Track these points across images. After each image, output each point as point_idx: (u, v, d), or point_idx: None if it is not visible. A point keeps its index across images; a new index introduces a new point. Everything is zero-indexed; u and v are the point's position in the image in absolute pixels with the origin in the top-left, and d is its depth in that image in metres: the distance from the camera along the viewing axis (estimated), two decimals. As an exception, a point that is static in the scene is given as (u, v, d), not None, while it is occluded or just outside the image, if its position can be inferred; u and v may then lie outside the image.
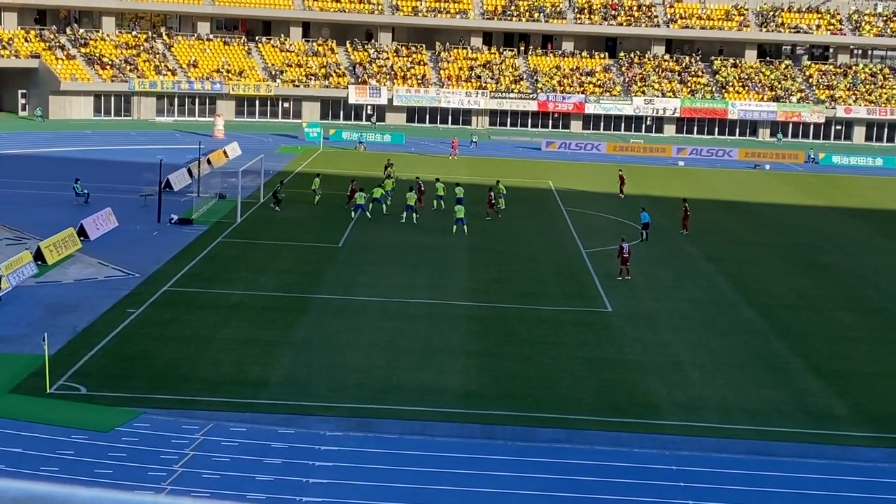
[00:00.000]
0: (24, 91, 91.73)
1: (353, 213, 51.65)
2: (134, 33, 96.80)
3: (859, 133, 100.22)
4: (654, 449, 25.46)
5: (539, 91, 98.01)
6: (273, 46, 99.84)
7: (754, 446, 26.03)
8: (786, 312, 38.91)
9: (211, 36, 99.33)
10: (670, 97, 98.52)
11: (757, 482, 23.89)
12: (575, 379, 30.34)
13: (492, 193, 54.68)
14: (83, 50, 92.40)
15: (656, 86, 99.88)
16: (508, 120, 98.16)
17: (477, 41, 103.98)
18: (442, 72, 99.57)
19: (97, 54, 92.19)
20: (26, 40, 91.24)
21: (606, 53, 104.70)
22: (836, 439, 26.84)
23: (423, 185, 56.32)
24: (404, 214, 51.73)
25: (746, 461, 25.08)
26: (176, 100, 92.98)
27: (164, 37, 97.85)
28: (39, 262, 39.37)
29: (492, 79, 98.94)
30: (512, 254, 46.44)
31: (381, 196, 53.28)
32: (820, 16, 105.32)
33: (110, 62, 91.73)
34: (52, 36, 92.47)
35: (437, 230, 50.16)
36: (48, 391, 26.99)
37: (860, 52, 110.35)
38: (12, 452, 23.33)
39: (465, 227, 49.66)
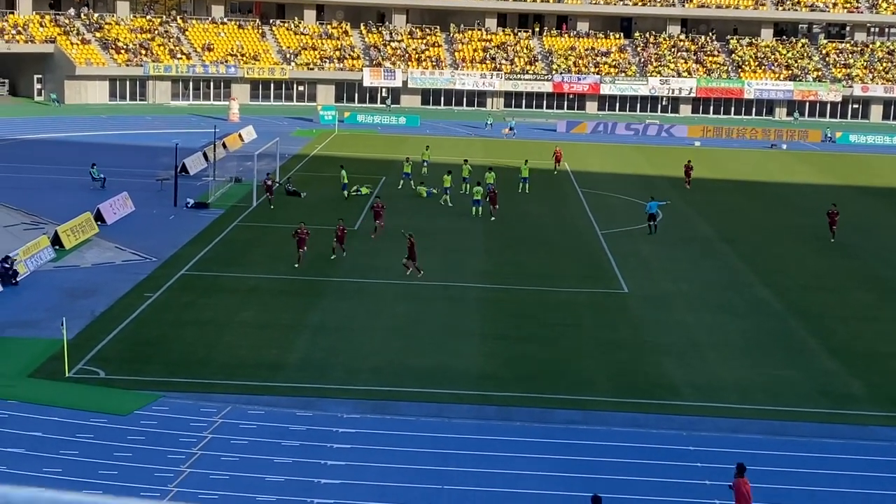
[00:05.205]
0: (40, 76, 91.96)
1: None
2: (148, 17, 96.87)
3: (876, 112, 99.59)
4: (671, 430, 25.47)
5: (554, 72, 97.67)
6: (287, 29, 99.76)
7: (771, 426, 26.02)
8: (802, 293, 38.79)
9: (225, 19, 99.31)
10: (686, 77, 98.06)
11: (774, 462, 23.88)
12: (591, 360, 30.35)
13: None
14: (98, 34, 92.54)
15: (672, 66, 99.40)
16: (524, 101, 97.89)
17: (491, 22, 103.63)
18: (456, 54, 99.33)
19: (112, 39, 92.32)
20: (41, 25, 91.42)
21: (621, 34, 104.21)
22: (853, 419, 26.80)
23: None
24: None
25: (763, 441, 25.07)
26: (191, 83, 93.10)
27: (179, 20, 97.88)
28: (57, 247, 39.57)
29: (506, 60, 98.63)
30: (528, 236, 46.39)
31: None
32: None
33: (125, 46, 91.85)
34: (66, 20, 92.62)
35: (452, 213, 50.12)
36: (67, 375, 27.19)
37: (877, 30, 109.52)
38: (32, 436, 23.52)
39: (481, 209, 49.59)
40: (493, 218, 48.60)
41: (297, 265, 38.57)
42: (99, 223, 43.81)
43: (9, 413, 24.74)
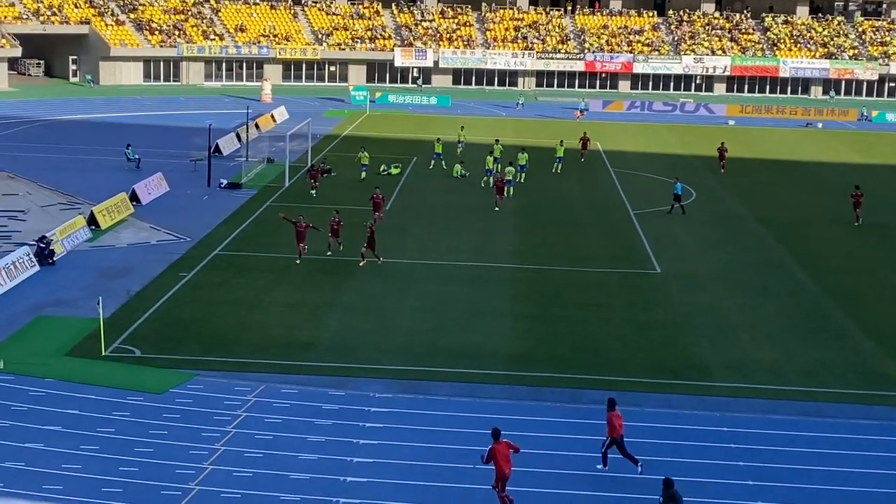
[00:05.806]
0: (75, 57, 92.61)
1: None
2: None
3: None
4: (704, 411, 25.40)
5: (586, 51, 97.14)
6: (319, 10, 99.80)
7: (806, 407, 25.88)
8: (837, 273, 38.48)
9: (258, 0, 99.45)
10: (720, 55, 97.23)
11: (809, 443, 23.78)
12: (623, 341, 30.29)
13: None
14: (132, 15, 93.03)
15: (706, 44, 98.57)
16: (555, 80, 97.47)
17: (523, 1, 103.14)
18: (488, 33, 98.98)
19: (146, 20, 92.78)
20: (76, 6, 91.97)
21: (655, 11, 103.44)
22: (888, 400, 26.61)
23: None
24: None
25: (798, 422, 24.95)
26: (224, 64, 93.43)
27: (212, 2, 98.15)
28: (93, 227, 39.95)
29: (538, 39, 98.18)
30: (559, 216, 46.29)
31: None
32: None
33: (159, 27, 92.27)
34: (101, 2, 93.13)
35: (484, 193, 50.07)
36: (103, 353, 27.49)
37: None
38: (70, 414, 23.81)
39: (512, 188, 49.49)
40: (496, 209, 46.18)
41: (297, 261, 36.76)
42: (134, 203, 44.18)
43: (46, 391, 25.07)
